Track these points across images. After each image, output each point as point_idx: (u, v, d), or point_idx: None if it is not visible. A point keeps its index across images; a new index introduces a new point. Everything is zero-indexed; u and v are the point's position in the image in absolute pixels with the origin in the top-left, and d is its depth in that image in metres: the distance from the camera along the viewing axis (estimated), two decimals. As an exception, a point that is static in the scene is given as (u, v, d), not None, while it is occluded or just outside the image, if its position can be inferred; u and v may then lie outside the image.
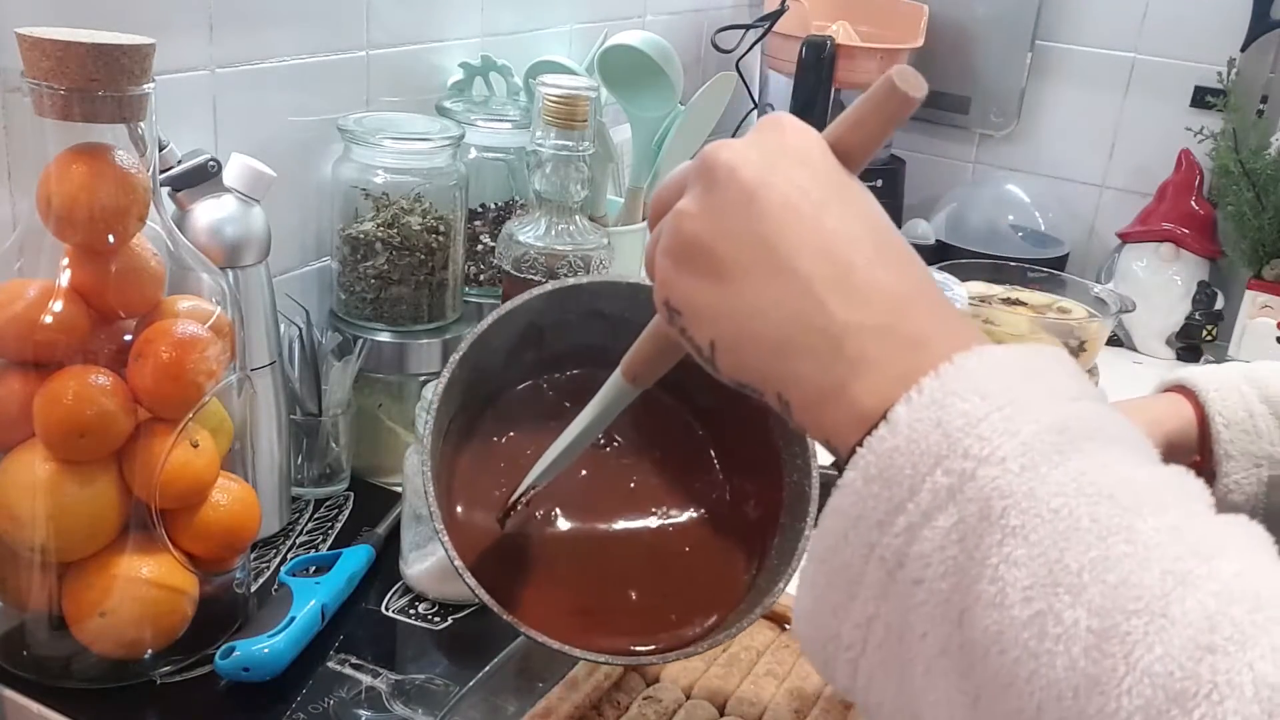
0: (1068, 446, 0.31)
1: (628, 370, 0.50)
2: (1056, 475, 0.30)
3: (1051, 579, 0.29)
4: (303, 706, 0.69)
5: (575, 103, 0.87)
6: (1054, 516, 0.30)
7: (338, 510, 0.91)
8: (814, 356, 0.36)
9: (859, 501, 0.33)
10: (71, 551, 0.66)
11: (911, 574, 0.32)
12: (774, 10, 1.48)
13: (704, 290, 0.38)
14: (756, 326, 0.37)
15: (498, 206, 1.07)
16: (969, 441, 0.31)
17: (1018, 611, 0.29)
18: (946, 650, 0.31)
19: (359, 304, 0.93)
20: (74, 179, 0.62)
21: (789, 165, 0.38)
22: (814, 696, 0.69)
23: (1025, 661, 0.29)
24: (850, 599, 0.34)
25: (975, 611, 0.30)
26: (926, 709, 0.32)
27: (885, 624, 0.33)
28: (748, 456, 0.63)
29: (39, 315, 0.63)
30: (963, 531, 0.31)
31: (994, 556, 0.30)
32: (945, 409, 0.32)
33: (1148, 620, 0.28)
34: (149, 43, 0.63)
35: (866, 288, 0.36)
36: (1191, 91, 1.47)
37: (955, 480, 0.31)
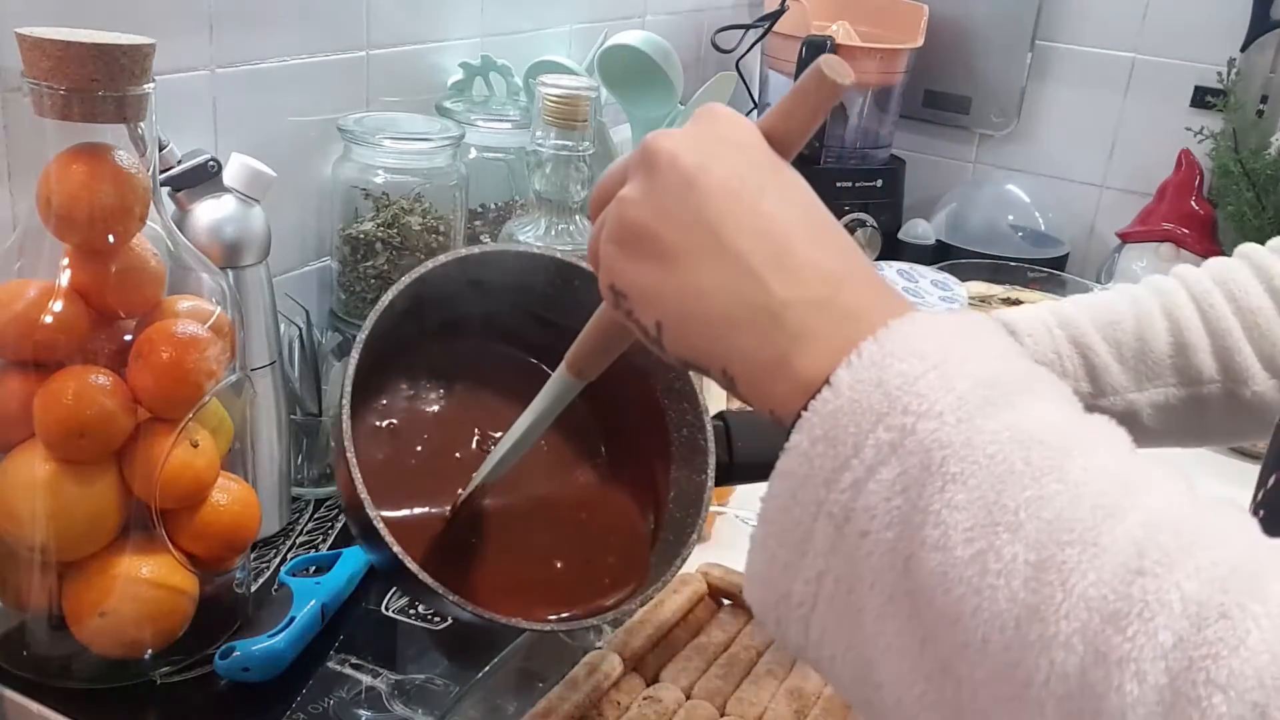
0: (999, 399, 0.33)
1: (572, 364, 0.51)
2: (990, 425, 0.32)
3: (990, 519, 0.31)
4: (303, 706, 0.69)
5: (575, 103, 0.87)
6: (990, 462, 0.32)
7: (338, 510, 0.91)
8: (756, 332, 0.38)
9: (805, 462, 0.35)
10: (71, 551, 0.66)
11: (858, 527, 0.33)
12: (774, 10, 1.48)
13: (649, 273, 0.40)
14: (700, 306, 0.39)
15: (498, 206, 1.07)
16: (908, 399, 0.33)
17: (960, 552, 0.31)
18: (894, 596, 0.33)
19: (359, 304, 0.93)
20: (74, 179, 0.62)
21: (727, 152, 0.40)
22: (814, 696, 0.69)
23: (969, 598, 0.31)
24: (800, 556, 0.35)
25: (920, 556, 0.32)
26: (877, 655, 0.33)
27: (835, 578, 0.34)
28: (634, 417, 0.65)
29: (39, 315, 0.63)
30: (905, 482, 0.32)
31: (936, 503, 0.32)
32: (884, 370, 0.34)
33: (1080, 550, 0.30)
34: (149, 43, 0.63)
35: (804, 266, 0.38)
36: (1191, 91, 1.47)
37: (896, 435, 0.33)
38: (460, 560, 0.60)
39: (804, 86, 0.41)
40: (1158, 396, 0.70)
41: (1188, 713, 0.27)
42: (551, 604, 0.60)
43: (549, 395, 0.53)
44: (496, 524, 0.63)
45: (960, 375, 0.33)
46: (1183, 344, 0.70)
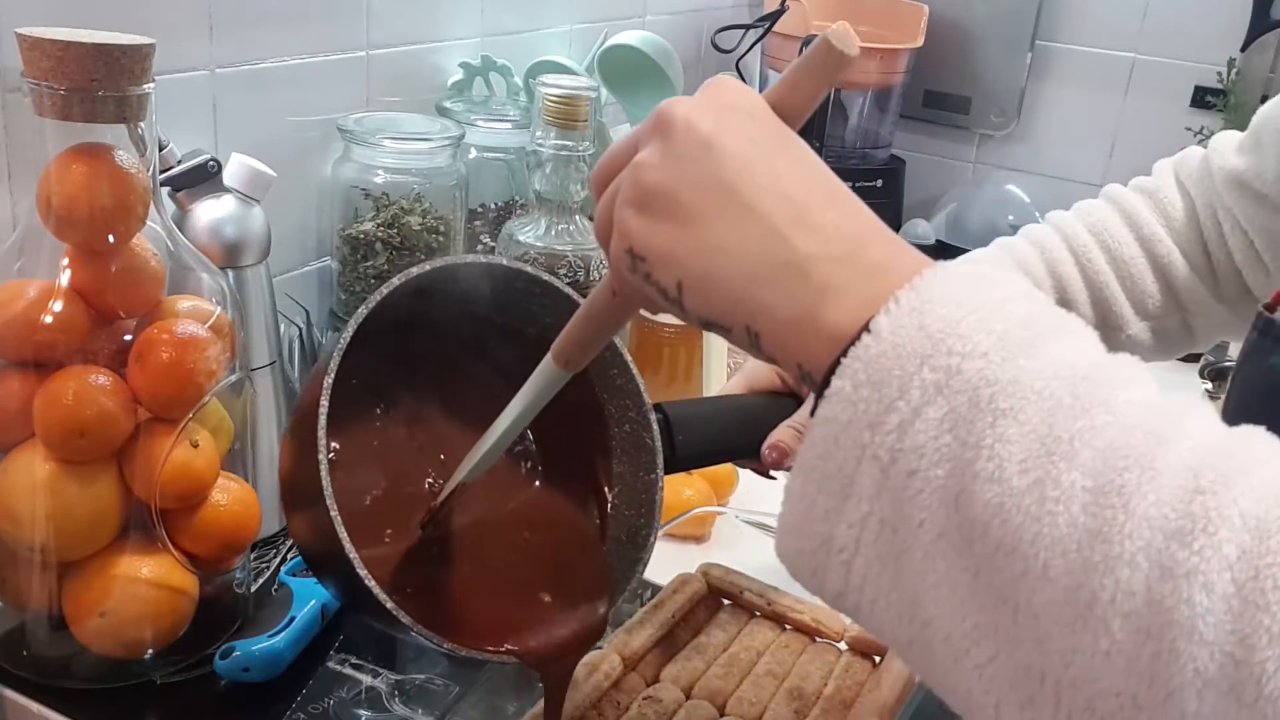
0: (1037, 339, 0.34)
1: (559, 354, 0.50)
2: (1034, 363, 0.34)
3: (1045, 450, 0.32)
4: (303, 706, 0.69)
5: (575, 103, 0.87)
6: (1038, 397, 0.33)
7: (338, 510, 0.91)
8: (781, 288, 0.38)
9: (849, 407, 0.35)
10: (71, 551, 0.66)
11: (906, 467, 0.34)
12: (774, 10, 1.48)
13: (668, 234, 0.40)
14: (722, 264, 0.39)
15: (498, 206, 1.07)
16: (951, 340, 0.34)
17: (1016, 482, 0.32)
18: (944, 533, 0.33)
19: (359, 304, 0.93)
20: (74, 179, 0.62)
21: (739, 119, 0.41)
22: (814, 696, 0.69)
23: (1028, 526, 0.32)
24: (844, 501, 0.36)
25: (973, 490, 0.33)
26: (926, 591, 0.34)
27: (879, 520, 0.35)
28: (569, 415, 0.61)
29: (39, 315, 0.63)
30: (954, 420, 0.33)
31: (988, 438, 0.33)
32: (925, 315, 0.35)
33: (1139, 474, 0.31)
34: (149, 43, 0.63)
35: (825, 224, 0.39)
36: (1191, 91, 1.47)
37: (942, 375, 0.34)
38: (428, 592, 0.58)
39: (810, 57, 0.41)
40: None
41: (1258, 618, 0.28)
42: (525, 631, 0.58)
43: (534, 388, 0.52)
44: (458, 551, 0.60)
45: (998, 317, 0.35)
46: (1065, 300, 0.76)
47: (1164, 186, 0.81)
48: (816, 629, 0.75)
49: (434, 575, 0.59)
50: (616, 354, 0.62)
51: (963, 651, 0.34)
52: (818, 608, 0.76)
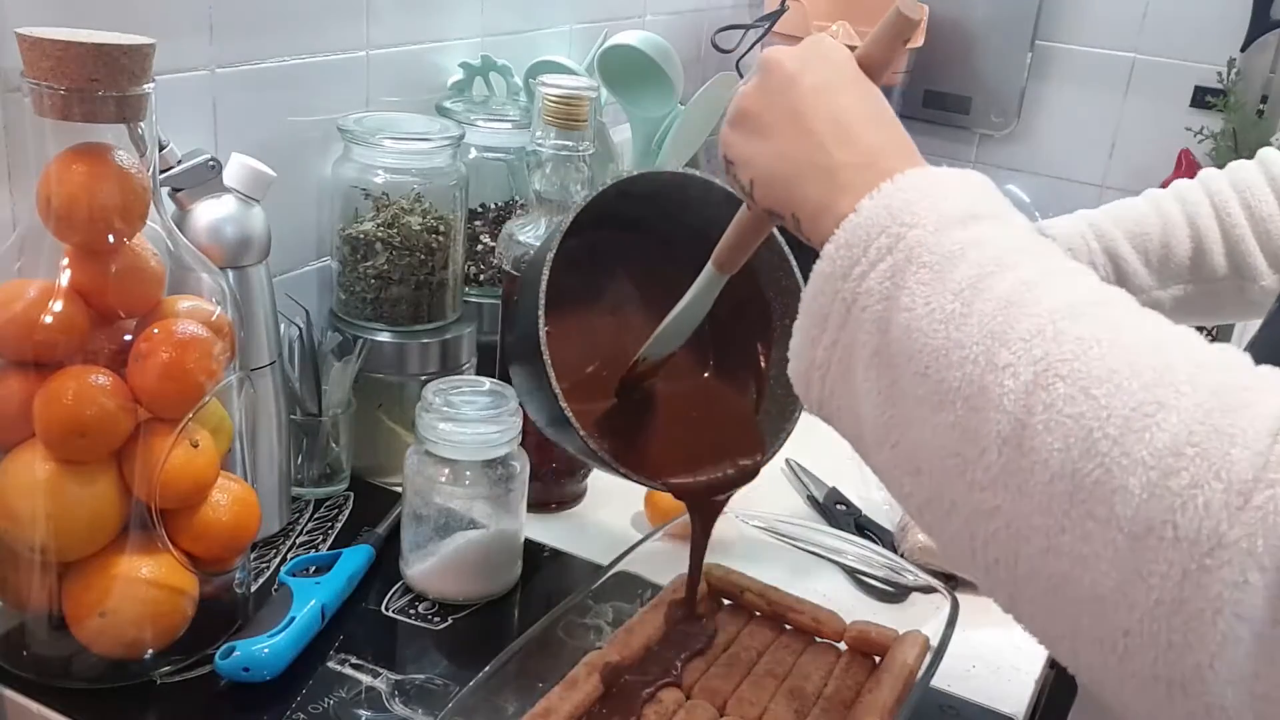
0: (972, 221, 0.45)
1: (717, 259, 0.63)
2: (960, 234, 0.44)
3: (943, 288, 0.43)
4: (303, 706, 0.69)
5: (575, 103, 0.87)
6: (951, 255, 0.43)
7: (338, 510, 0.91)
8: (817, 185, 0.50)
9: (831, 262, 0.47)
10: (71, 551, 0.66)
11: (861, 304, 0.45)
12: (774, 10, 1.48)
13: (750, 145, 0.54)
14: (781, 167, 0.52)
15: (498, 206, 1.07)
16: (905, 215, 0.45)
17: (920, 311, 0.43)
18: (877, 351, 0.45)
19: (359, 304, 0.93)
20: (74, 179, 0.62)
21: (822, 64, 0.53)
22: (814, 696, 0.69)
23: (919, 339, 0.43)
24: (821, 331, 0.47)
25: (895, 318, 0.44)
26: (864, 396, 0.46)
27: (843, 345, 0.46)
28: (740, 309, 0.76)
29: (39, 315, 0.63)
30: (894, 270, 0.44)
31: (910, 281, 0.44)
32: (892, 198, 0.46)
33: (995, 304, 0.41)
34: (149, 43, 0.63)
35: (859, 140, 0.50)
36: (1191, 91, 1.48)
37: (893, 240, 0.45)
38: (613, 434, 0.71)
39: (884, 20, 0.53)
40: (1178, 292, 0.85)
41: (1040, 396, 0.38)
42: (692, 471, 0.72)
43: (698, 286, 0.64)
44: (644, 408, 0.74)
45: (945, 202, 0.45)
46: (1201, 249, 0.84)
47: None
48: (816, 629, 0.75)
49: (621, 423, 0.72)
50: (783, 258, 0.74)
51: (883, 436, 0.45)
52: (818, 608, 0.76)
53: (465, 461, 0.78)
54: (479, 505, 0.79)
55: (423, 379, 0.91)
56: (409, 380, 0.93)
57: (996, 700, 0.75)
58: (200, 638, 0.71)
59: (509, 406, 0.80)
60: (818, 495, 0.97)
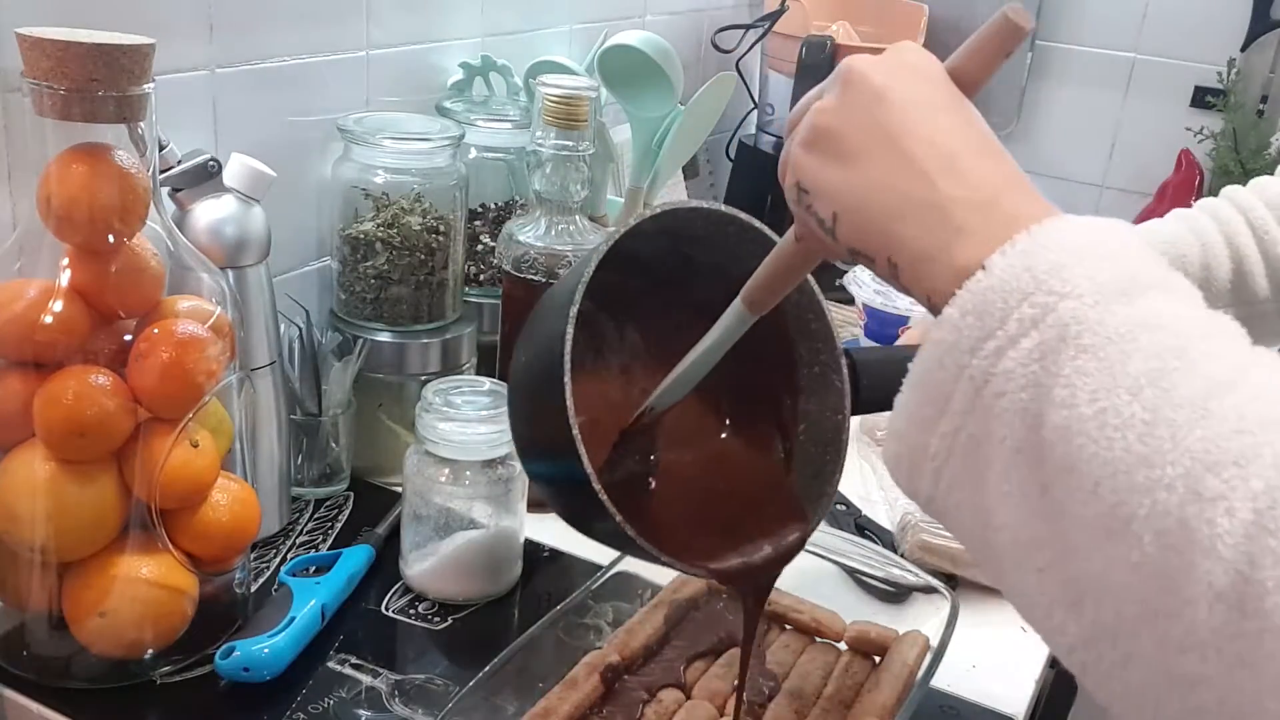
0: (1134, 290, 0.38)
1: (747, 296, 0.55)
2: (1125, 310, 0.37)
3: (1114, 384, 0.36)
4: (302, 706, 0.69)
5: (575, 103, 0.87)
6: (1119, 338, 0.37)
7: (338, 510, 0.91)
8: (922, 225, 0.43)
9: (955, 331, 0.40)
10: (71, 551, 0.66)
11: (995, 389, 0.38)
12: (774, 10, 1.48)
13: (831, 171, 0.46)
14: (876, 199, 0.44)
15: (498, 206, 1.07)
16: (1054, 282, 0.38)
17: (1084, 409, 0.36)
18: (1021, 449, 0.38)
19: (359, 304, 0.93)
20: (74, 179, 0.62)
21: (912, 77, 0.46)
22: (814, 696, 0.69)
23: (1087, 447, 0.36)
24: (940, 414, 0.40)
25: (1048, 414, 0.37)
26: (1001, 500, 0.39)
27: (969, 434, 0.39)
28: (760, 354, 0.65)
29: (39, 315, 0.63)
30: (1043, 351, 0.37)
31: (1067, 368, 0.37)
32: (1034, 257, 0.39)
33: (1190, 411, 0.35)
34: (149, 43, 0.63)
35: (970, 171, 0.43)
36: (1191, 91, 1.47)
37: (1039, 311, 0.38)
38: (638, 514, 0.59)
39: (988, 29, 0.45)
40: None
41: (1267, 542, 0.32)
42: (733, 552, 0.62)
43: (722, 327, 0.57)
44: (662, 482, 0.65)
45: (1103, 268, 0.38)
46: (1242, 271, 0.80)
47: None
48: (817, 629, 0.75)
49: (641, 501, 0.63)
50: (813, 299, 0.64)
51: (1026, 557, 0.38)
52: (817, 608, 0.76)
53: (465, 461, 0.78)
54: (479, 505, 0.79)
55: (423, 379, 0.91)
56: (409, 380, 0.93)
57: (997, 700, 0.75)
58: (200, 638, 0.71)
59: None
60: (818, 495, 0.97)
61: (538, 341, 0.60)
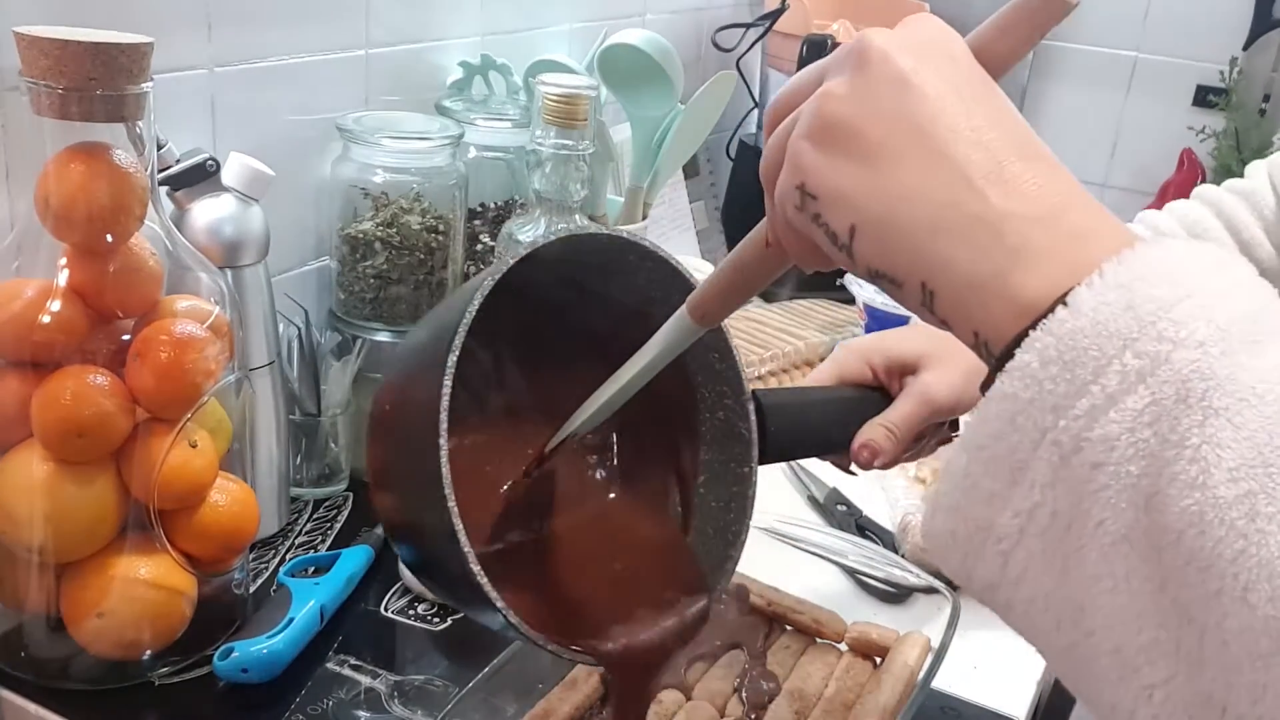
0: (1264, 336, 0.31)
1: (695, 308, 0.47)
2: (1259, 363, 0.30)
3: (1261, 459, 0.29)
4: (301, 708, 0.69)
5: (575, 102, 0.87)
6: (1260, 401, 0.29)
7: (337, 511, 0.91)
8: (969, 243, 0.34)
9: (1033, 384, 0.32)
10: (69, 552, 0.66)
11: (1091, 458, 0.31)
12: (774, 9, 1.47)
13: (848, 173, 0.37)
14: (906, 210, 0.36)
15: (497, 206, 1.07)
16: (1163, 325, 0.30)
17: (1223, 491, 0.29)
18: (1129, 537, 0.30)
19: (358, 304, 0.93)
20: (72, 178, 0.62)
21: (941, 59, 0.38)
22: (814, 697, 0.69)
23: (1230, 541, 0.28)
24: (1011, 486, 0.32)
25: (1169, 494, 0.29)
26: (1097, 598, 0.31)
27: (1051, 512, 0.32)
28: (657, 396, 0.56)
29: (37, 315, 0.62)
30: (1156, 414, 0.30)
31: (1194, 438, 0.29)
32: (1134, 293, 0.31)
33: None
34: (147, 42, 0.63)
35: (1024, 180, 0.35)
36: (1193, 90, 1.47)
37: (1148, 363, 0.30)
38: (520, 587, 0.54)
39: (1023, 3, 0.38)
40: None
41: None
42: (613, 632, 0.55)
43: (663, 340, 0.49)
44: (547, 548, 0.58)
45: (1220, 306, 0.31)
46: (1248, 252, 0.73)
47: (1260, 189, 0.80)
48: (817, 630, 0.75)
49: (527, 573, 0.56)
50: (720, 337, 0.58)
51: (1133, 669, 0.31)
52: (818, 609, 0.76)
53: (465, 462, 0.78)
54: (478, 505, 0.79)
55: (422, 379, 0.91)
56: (408, 380, 0.93)
57: (998, 702, 0.75)
58: (199, 639, 0.70)
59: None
60: (818, 496, 0.97)
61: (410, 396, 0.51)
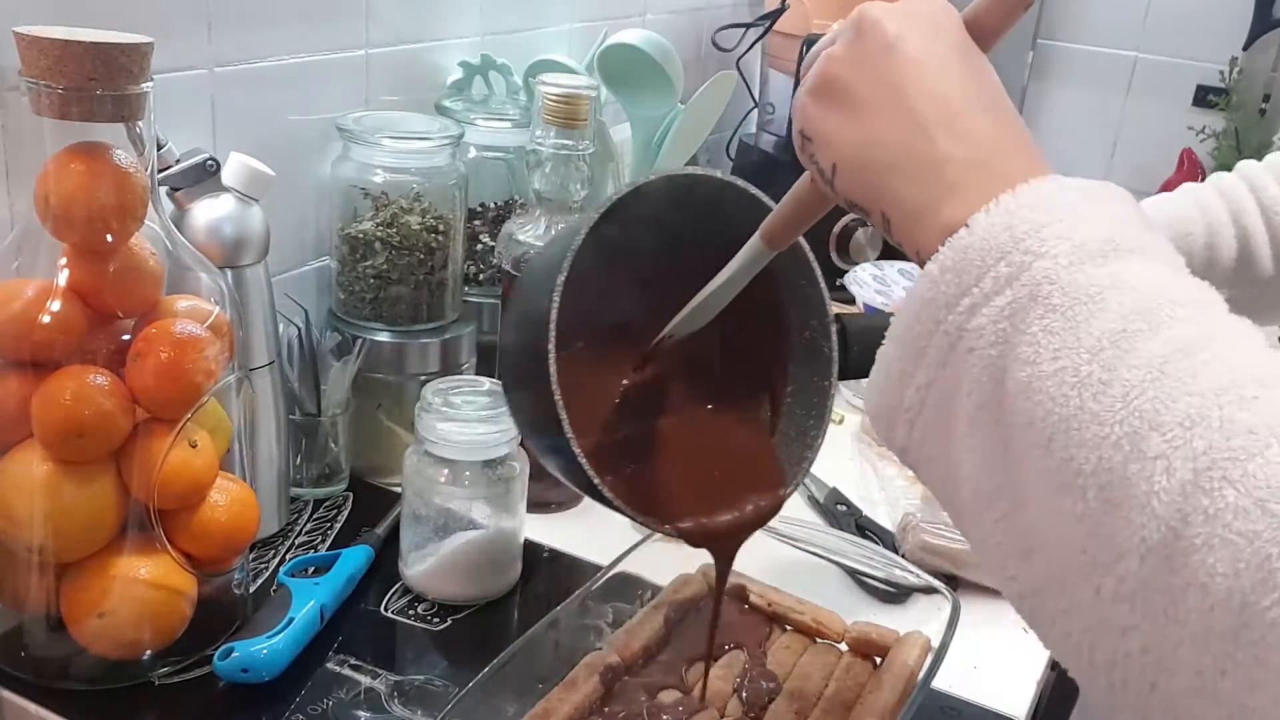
0: (1112, 253, 0.38)
1: (766, 233, 0.55)
2: (1097, 271, 0.37)
3: (1077, 343, 0.36)
4: (301, 708, 0.69)
5: (575, 102, 0.87)
6: (1088, 299, 0.37)
7: (337, 510, 0.91)
8: (917, 181, 0.43)
9: (933, 287, 0.40)
10: (70, 552, 0.66)
11: (967, 344, 0.39)
12: (774, 9, 1.47)
13: (835, 121, 0.46)
14: (873, 153, 0.44)
15: (497, 206, 1.07)
16: (1031, 242, 0.38)
17: (1045, 366, 0.36)
18: (986, 404, 0.38)
19: (358, 304, 0.93)
20: (72, 178, 0.62)
21: (926, 28, 0.45)
22: (814, 697, 0.69)
23: (1045, 404, 0.36)
24: (916, 367, 0.41)
25: (1013, 370, 0.37)
26: (964, 454, 0.39)
27: (941, 388, 0.40)
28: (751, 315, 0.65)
29: (37, 315, 0.62)
30: (1014, 309, 0.38)
31: (1034, 326, 0.37)
32: (1015, 216, 0.39)
33: (1144, 373, 0.35)
34: (147, 41, 0.63)
35: (970, 130, 0.43)
36: (1194, 90, 1.47)
37: (1014, 270, 0.38)
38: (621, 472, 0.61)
39: None
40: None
41: (1200, 501, 0.32)
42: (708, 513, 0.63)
43: (740, 261, 0.56)
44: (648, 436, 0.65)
45: (1083, 229, 0.38)
46: (1248, 250, 0.78)
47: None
48: (817, 630, 0.75)
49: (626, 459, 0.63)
50: (806, 264, 0.64)
51: (985, 506, 0.39)
52: (818, 608, 0.76)
53: (465, 462, 0.78)
54: (478, 506, 0.79)
55: (422, 379, 0.91)
56: (408, 380, 0.93)
57: (998, 702, 0.75)
58: (199, 639, 0.70)
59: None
60: (818, 495, 0.97)
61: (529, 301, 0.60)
